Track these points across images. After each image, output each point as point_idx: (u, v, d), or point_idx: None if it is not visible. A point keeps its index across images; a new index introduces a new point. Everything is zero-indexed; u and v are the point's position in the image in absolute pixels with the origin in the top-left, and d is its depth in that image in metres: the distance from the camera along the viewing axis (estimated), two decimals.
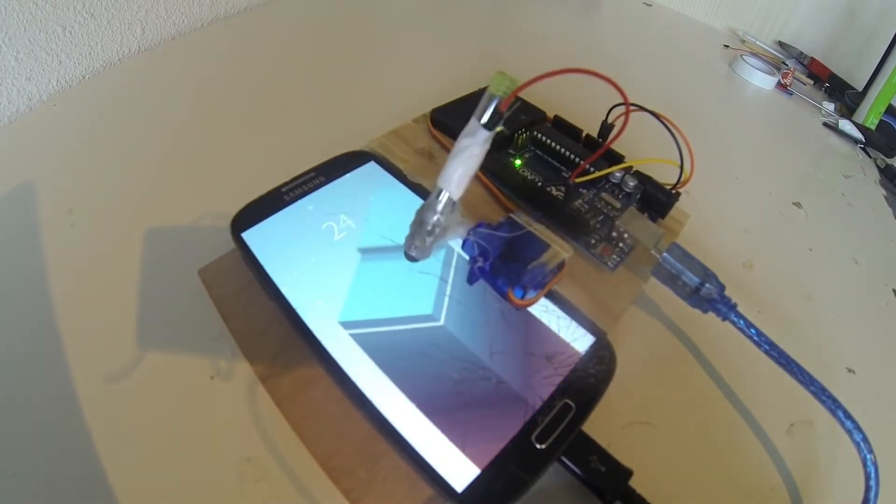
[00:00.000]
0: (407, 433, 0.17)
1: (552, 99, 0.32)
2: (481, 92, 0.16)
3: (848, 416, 0.20)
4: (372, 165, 0.26)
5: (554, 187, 0.28)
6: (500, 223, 0.19)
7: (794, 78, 0.51)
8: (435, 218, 0.17)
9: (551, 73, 0.15)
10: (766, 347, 0.21)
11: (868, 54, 0.53)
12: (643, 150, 0.28)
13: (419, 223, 0.18)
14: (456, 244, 0.18)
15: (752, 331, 0.21)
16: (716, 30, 0.60)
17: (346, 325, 0.20)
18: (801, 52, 0.57)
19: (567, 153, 0.29)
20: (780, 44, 0.59)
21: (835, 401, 0.20)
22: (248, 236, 0.22)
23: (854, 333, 0.27)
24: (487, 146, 0.16)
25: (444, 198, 0.17)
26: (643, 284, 0.25)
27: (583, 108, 0.31)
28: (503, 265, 0.18)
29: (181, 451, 0.18)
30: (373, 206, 0.24)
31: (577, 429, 0.18)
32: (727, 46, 0.55)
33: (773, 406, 0.23)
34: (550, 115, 0.32)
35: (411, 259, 0.18)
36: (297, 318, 0.20)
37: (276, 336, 0.21)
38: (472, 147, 0.16)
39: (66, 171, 0.28)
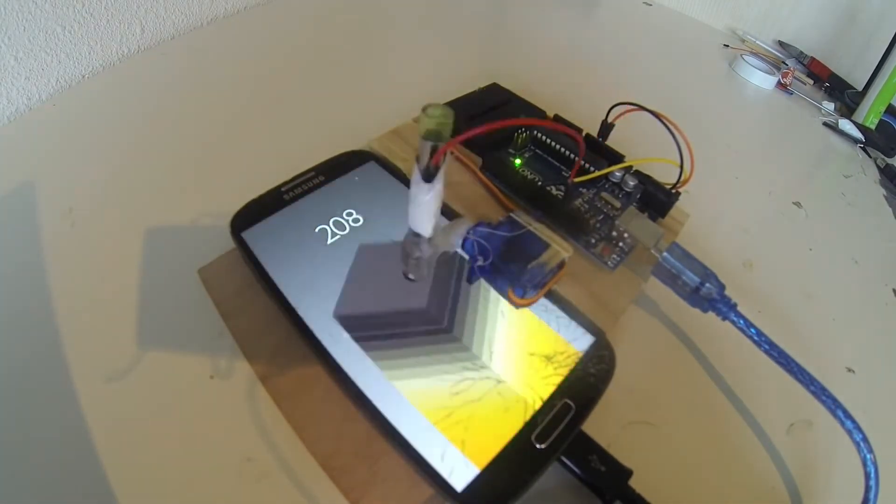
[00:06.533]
0: (407, 433, 0.17)
1: (552, 98, 0.32)
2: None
3: (848, 415, 0.20)
4: (372, 165, 0.26)
5: (554, 187, 0.28)
6: (500, 222, 0.19)
7: (794, 78, 0.51)
8: (416, 255, 0.17)
9: (481, 129, 0.14)
10: (766, 347, 0.21)
11: (868, 54, 0.53)
12: (643, 149, 0.28)
13: (405, 256, 0.18)
14: (456, 243, 0.18)
15: (752, 330, 0.21)
16: (716, 29, 0.60)
17: (346, 324, 0.20)
18: (801, 52, 0.57)
19: (567, 152, 0.29)
20: (780, 43, 0.59)
21: (835, 401, 0.20)
22: (248, 236, 0.22)
23: (854, 333, 0.27)
24: (440, 186, 0.16)
25: (419, 238, 0.17)
26: (643, 284, 0.25)
27: (583, 107, 0.31)
28: (503, 265, 0.18)
29: (181, 451, 0.18)
30: (372, 205, 0.24)
31: (577, 429, 0.18)
32: (727, 46, 0.55)
33: (773, 406, 0.23)
34: (550, 114, 0.32)
35: (410, 280, 0.19)
36: (297, 318, 0.20)
37: (275, 336, 0.21)
38: (419, 195, 0.16)
39: (66, 171, 0.28)
